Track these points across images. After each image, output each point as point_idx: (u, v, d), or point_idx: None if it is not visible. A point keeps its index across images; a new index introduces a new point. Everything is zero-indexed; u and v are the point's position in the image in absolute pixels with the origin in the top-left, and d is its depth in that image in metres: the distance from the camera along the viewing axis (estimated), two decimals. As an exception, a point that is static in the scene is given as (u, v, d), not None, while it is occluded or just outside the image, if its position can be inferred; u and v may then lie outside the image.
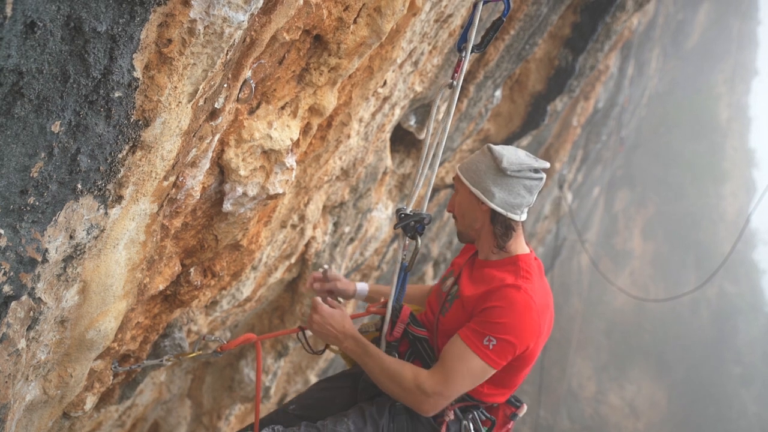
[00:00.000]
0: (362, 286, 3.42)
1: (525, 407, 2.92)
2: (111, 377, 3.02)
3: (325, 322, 2.74)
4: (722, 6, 39.31)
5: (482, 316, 2.56)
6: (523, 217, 2.71)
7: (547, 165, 2.70)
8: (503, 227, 2.68)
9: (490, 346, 2.50)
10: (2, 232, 1.57)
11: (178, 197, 2.45)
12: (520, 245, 2.75)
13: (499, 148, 2.66)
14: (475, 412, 2.77)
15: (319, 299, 2.80)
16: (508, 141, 8.85)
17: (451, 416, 2.72)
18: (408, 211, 2.81)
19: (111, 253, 2.08)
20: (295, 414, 3.00)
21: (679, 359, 40.21)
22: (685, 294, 13.52)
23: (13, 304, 1.73)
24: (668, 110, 40.58)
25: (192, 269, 3.25)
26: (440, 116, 2.97)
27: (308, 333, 3.07)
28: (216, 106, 2.25)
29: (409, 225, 2.77)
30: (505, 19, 2.74)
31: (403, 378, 2.61)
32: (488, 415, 2.80)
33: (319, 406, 3.01)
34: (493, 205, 2.65)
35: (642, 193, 42.00)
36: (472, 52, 2.80)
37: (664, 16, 22.56)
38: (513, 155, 2.65)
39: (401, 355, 2.82)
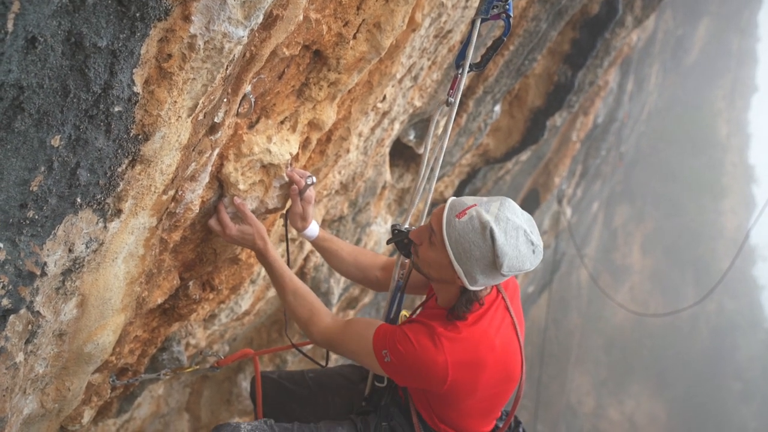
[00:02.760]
0: (313, 228, 3.14)
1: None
2: (109, 391, 3.01)
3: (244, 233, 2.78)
4: (722, 22, 39.45)
5: (400, 332, 2.46)
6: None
7: (542, 253, 2.35)
8: (468, 301, 2.44)
9: (385, 359, 2.45)
10: (1, 245, 1.58)
11: (177, 211, 2.45)
12: None
13: (502, 241, 2.24)
14: None
15: (224, 208, 2.73)
16: (508, 155, 8.86)
17: None
18: (402, 228, 2.77)
19: (110, 267, 2.08)
20: (309, 383, 3.15)
21: (678, 375, 40.09)
22: (685, 309, 13.47)
23: (12, 317, 1.73)
24: (668, 126, 40.61)
25: (191, 283, 3.25)
26: (439, 132, 2.96)
27: (307, 348, 3.07)
28: (215, 120, 2.26)
29: (402, 242, 2.69)
30: (505, 39, 2.72)
31: (298, 311, 2.72)
32: None
33: (330, 389, 3.13)
34: (471, 288, 2.39)
35: (641, 209, 41.97)
36: (471, 70, 2.76)
37: (664, 32, 22.62)
38: (515, 254, 2.27)
39: None
